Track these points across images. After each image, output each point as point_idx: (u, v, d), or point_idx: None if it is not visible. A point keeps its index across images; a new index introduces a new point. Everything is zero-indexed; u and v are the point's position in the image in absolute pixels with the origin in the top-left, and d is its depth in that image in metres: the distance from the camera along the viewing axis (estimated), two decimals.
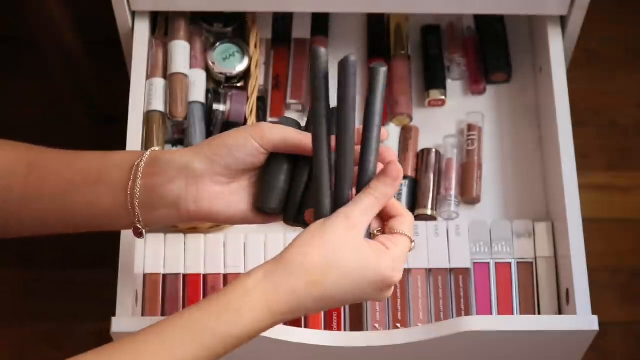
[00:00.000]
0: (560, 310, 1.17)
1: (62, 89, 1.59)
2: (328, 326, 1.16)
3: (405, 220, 0.92)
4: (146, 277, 1.17)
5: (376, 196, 0.90)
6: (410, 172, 1.25)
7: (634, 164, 1.58)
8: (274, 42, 1.34)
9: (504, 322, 1.10)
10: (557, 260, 1.19)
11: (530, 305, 1.18)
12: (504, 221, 1.21)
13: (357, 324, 1.17)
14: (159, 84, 1.23)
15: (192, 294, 1.17)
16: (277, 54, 1.33)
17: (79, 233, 0.99)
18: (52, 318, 1.48)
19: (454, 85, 1.33)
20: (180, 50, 1.24)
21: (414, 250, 0.93)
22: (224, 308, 0.86)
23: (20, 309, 1.50)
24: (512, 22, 1.36)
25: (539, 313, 1.17)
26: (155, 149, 0.98)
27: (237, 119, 1.23)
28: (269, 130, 0.94)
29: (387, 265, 0.89)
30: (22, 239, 1.54)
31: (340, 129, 0.90)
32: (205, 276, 1.18)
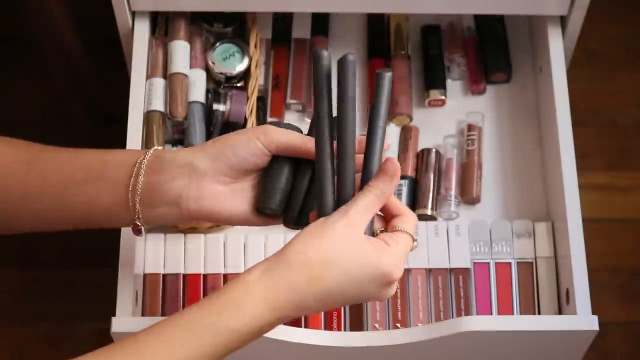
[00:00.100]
0: (560, 310, 1.17)
1: (62, 89, 1.59)
2: (328, 326, 1.16)
3: (408, 219, 0.93)
4: (146, 277, 1.17)
5: (375, 194, 0.91)
6: (410, 172, 1.25)
7: (634, 164, 1.58)
8: (274, 42, 1.34)
9: (504, 322, 1.10)
10: (557, 260, 1.19)
11: (530, 305, 1.17)
12: (504, 221, 1.21)
13: (357, 324, 1.17)
14: (159, 84, 1.23)
15: (192, 294, 1.17)
16: (277, 54, 1.33)
17: (80, 233, 0.99)
18: (52, 318, 1.48)
19: (454, 85, 1.33)
20: (180, 50, 1.24)
21: (414, 250, 0.93)
22: (224, 305, 0.86)
23: (20, 309, 1.49)
24: (512, 22, 1.36)
25: (539, 313, 1.17)
26: (158, 148, 0.98)
27: (237, 119, 1.23)
28: (273, 132, 0.95)
29: (387, 262, 0.89)
30: (22, 239, 1.54)
31: (339, 128, 0.91)
32: (205, 276, 1.18)
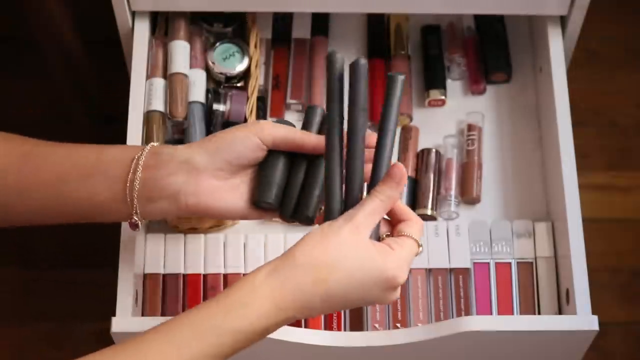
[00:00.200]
0: (560, 310, 1.17)
1: (62, 89, 1.59)
2: (328, 326, 1.16)
3: (414, 224, 0.94)
4: (146, 277, 1.17)
5: (381, 199, 0.92)
6: (410, 172, 1.25)
7: (634, 164, 1.58)
8: (274, 42, 1.34)
9: (504, 322, 1.10)
10: (557, 260, 1.19)
11: (530, 305, 1.17)
12: (504, 221, 1.21)
13: (357, 324, 1.17)
14: (159, 84, 1.23)
15: (192, 294, 1.17)
16: (277, 54, 1.33)
17: (80, 233, 1.00)
18: (52, 318, 1.48)
19: (454, 85, 1.33)
20: (180, 50, 1.24)
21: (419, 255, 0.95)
22: (230, 305, 0.87)
23: (20, 309, 1.49)
24: (512, 22, 1.36)
25: (539, 313, 1.17)
26: (155, 144, 0.99)
27: (237, 119, 1.23)
28: (269, 127, 0.97)
29: (392, 266, 0.90)
30: (22, 239, 1.54)
31: (350, 132, 0.93)
32: (205, 276, 1.18)
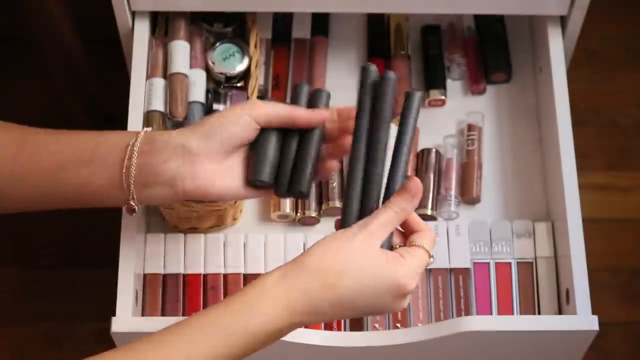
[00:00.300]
0: (560, 310, 1.17)
1: (62, 89, 1.59)
2: (328, 326, 1.16)
3: (426, 235, 0.96)
4: (146, 277, 1.17)
5: (395, 210, 0.94)
6: (410, 172, 1.25)
7: (634, 164, 1.58)
8: (274, 42, 1.34)
9: (504, 322, 1.10)
10: (557, 260, 1.19)
11: (530, 305, 1.17)
12: (504, 221, 1.21)
13: (357, 324, 1.17)
14: (159, 84, 1.23)
15: (192, 294, 1.17)
16: (277, 54, 1.33)
17: (80, 233, 1.00)
18: (52, 318, 1.48)
19: (454, 85, 1.33)
20: (180, 50, 1.24)
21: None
22: (240, 306, 0.88)
23: (20, 309, 1.49)
24: (512, 22, 1.36)
25: (539, 313, 1.17)
26: (148, 129, 1.00)
27: None
28: (262, 105, 0.99)
29: (402, 274, 0.92)
30: (22, 239, 1.54)
31: (371, 144, 0.96)
32: (205, 276, 1.18)
